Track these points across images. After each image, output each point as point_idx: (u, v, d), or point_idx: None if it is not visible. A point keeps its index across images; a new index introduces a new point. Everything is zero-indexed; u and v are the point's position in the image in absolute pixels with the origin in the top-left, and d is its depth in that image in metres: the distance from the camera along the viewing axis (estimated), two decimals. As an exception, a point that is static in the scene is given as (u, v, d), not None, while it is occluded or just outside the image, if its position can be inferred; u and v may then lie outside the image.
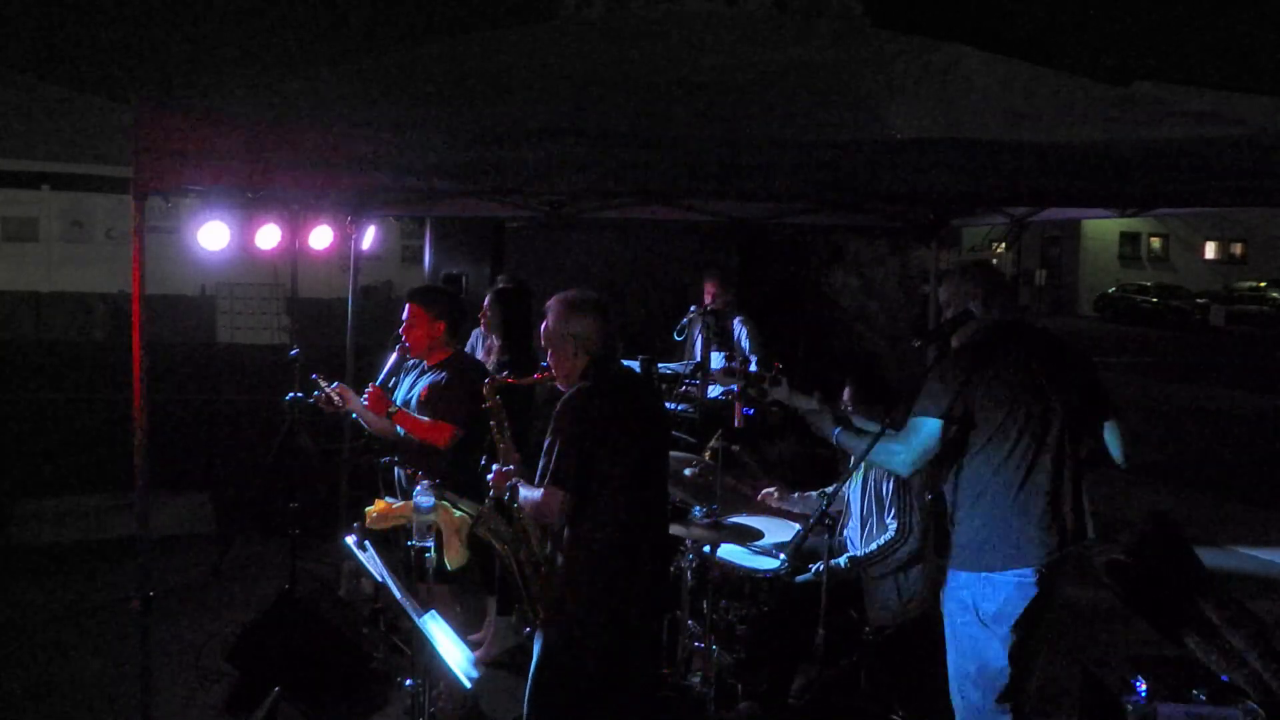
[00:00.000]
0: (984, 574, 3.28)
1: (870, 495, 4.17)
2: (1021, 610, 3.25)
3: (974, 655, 3.32)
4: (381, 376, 4.51)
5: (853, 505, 4.28)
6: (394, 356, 4.49)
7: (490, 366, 5.00)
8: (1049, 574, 3.27)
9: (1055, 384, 3.34)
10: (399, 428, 4.30)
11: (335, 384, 4.44)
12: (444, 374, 4.27)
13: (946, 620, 3.42)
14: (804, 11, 10.31)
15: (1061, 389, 3.35)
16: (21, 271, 19.24)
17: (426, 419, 4.21)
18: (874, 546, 4.05)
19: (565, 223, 6.11)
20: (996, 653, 3.28)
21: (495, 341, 5.20)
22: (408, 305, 4.34)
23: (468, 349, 5.76)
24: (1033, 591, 3.25)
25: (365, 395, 4.26)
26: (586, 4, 10.59)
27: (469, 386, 4.08)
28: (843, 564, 4.06)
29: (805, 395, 3.66)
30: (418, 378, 4.43)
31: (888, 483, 4.09)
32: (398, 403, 4.39)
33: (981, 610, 3.28)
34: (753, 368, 6.59)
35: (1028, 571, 3.25)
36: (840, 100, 3.48)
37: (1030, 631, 3.29)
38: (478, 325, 5.55)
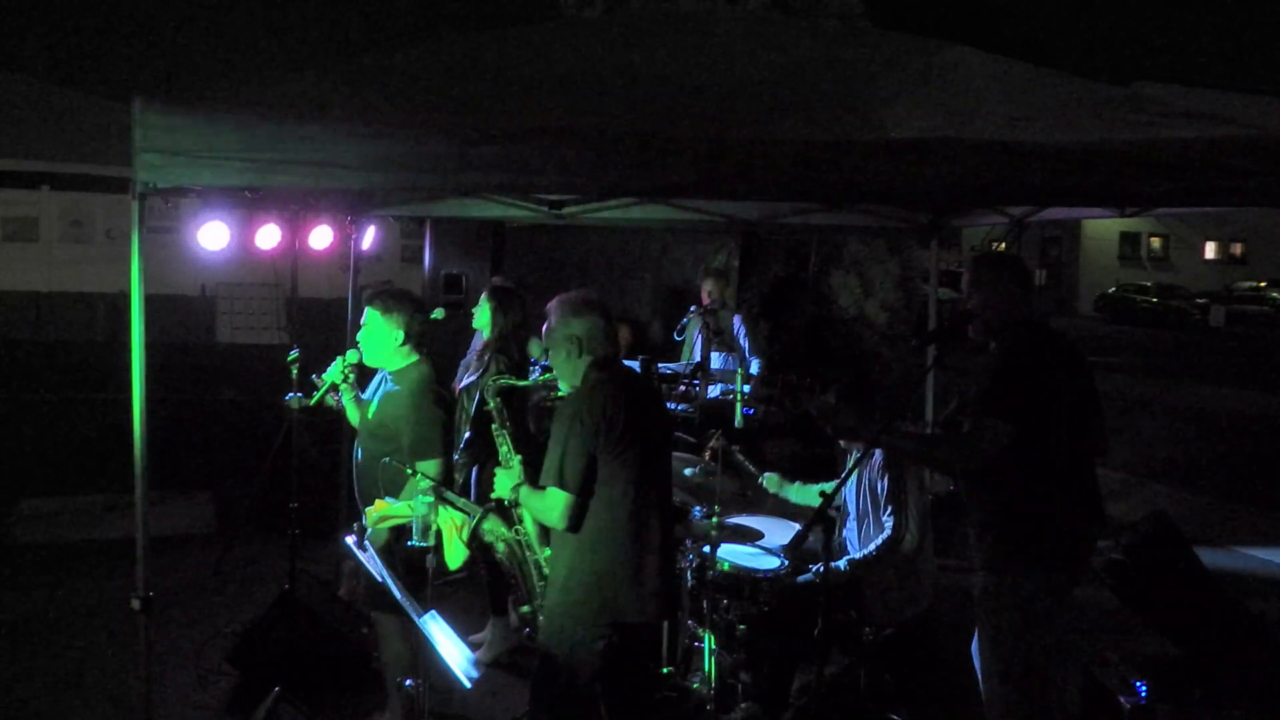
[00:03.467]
0: (1032, 570, 3.31)
1: (865, 494, 4.17)
2: (1065, 603, 3.32)
3: (1020, 647, 3.33)
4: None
5: (849, 505, 4.28)
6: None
7: (479, 365, 4.95)
8: (1097, 564, 3.37)
9: (1081, 382, 3.42)
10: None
11: None
12: (399, 387, 3.90)
13: (988, 618, 3.40)
14: (804, 11, 10.30)
15: (1084, 386, 3.42)
16: (21, 271, 19.16)
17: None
18: (873, 548, 4.05)
19: (565, 223, 6.10)
20: (1043, 646, 3.31)
21: (485, 339, 5.17)
22: (365, 309, 3.95)
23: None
24: (1072, 584, 3.33)
25: None
26: (587, 4, 10.58)
27: (435, 401, 3.84)
28: (842, 567, 4.05)
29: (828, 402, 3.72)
30: (378, 386, 4.10)
31: (882, 481, 4.09)
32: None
33: (1032, 605, 3.30)
34: (753, 369, 6.62)
35: (1076, 565, 3.34)
36: (840, 100, 3.48)
37: (1065, 629, 3.38)
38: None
